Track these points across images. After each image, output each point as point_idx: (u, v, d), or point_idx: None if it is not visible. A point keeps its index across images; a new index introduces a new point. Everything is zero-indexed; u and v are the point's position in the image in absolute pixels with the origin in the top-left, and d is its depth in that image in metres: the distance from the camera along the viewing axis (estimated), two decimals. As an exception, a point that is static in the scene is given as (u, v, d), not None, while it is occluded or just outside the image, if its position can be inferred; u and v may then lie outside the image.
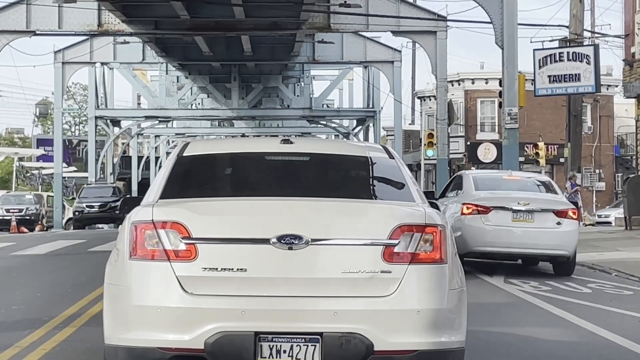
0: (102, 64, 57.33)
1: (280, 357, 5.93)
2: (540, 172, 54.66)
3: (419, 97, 64.09)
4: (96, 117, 56.20)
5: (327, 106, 65.99)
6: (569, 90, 30.90)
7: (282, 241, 5.99)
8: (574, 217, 16.97)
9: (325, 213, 6.29)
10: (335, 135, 74.54)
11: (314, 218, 6.18)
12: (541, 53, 30.84)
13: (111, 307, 6.26)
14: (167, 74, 59.60)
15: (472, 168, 56.13)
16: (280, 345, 5.93)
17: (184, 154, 7.07)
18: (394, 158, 7.20)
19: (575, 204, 33.87)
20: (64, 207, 52.57)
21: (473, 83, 54.36)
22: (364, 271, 6.01)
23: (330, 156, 7.29)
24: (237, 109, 57.02)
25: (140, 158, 76.67)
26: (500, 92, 28.60)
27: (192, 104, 65.54)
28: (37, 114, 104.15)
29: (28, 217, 48.47)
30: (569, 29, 35.37)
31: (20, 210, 48.45)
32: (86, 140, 62.99)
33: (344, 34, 47.28)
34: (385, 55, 48.80)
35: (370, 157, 7.28)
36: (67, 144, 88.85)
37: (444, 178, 40.64)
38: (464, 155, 56.39)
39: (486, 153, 55.63)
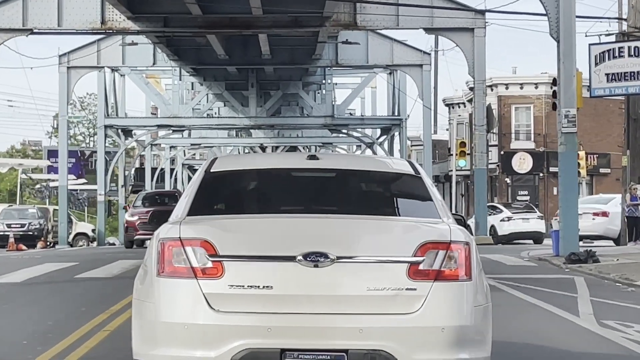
0: (113, 70, 54.59)
1: None
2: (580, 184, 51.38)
3: (447, 105, 60.51)
4: (106, 126, 52.83)
5: (351, 114, 62.53)
6: (629, 89, 27.21)
7: (307, 259, 6.03)
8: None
9: (350, 230, 6.31)
10: (357, 145, 71.44)
11: (339, 236, 6.22)
12: (598, 48, 27.24)
13: (139, 323, 6.33)
14: (180, 80, 56.34)
15: (507, 180, 52.63)
16: None
17: (211, 170, 7.05)
18: (419, 173, 7.14)
19: (637, 219, 30.31)
20: (71, 221, 49.48)
21: (507, 88, 50.78)
22: (389, 289, 6.05)
23: (356, 172, 7.28)
24: (255, 117, 53.67)
25: (154, 170, 73.40)
26: (554, 92, 25.07)
27: (207, 113, 62.12)
28: (55, 126, 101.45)
29: (31, 233, 45.11)
30: (627, 22, 31.81)
31: (23, 225, 45.13)
32: (95, 151, 59.63)
33: (369, 36, 44.16)
34: (413, 58, 45.42)
35: (395, 173, 7.32)
36: (80, 155, 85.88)
37: (482, 190, 37.14)
38: (498, 165, 52.73)
39: (521, 163, 51.97)
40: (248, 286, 6.00)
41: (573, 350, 10.02)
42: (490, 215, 44.84)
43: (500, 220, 41.95)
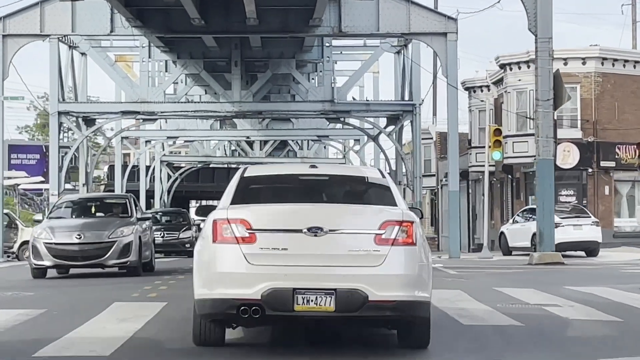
0: (70, 47, 45.84)
1: (309, 305, 9.13)
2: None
3: (466, 88, 51.22)
4: (60, 113, 43.49)
5: (354, 98, 53.29)
6: None
7: (310, 231, 9.27)
8: None
9: (338, 213, 9.68)
10: (355, 140, 62.71)
11: (330, 216, 9.47)
12: None
13: (200, 274, 9.47)
14: (150, 57, 47.18)
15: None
16: (309, 297, 9.13)
17: (245, 175, 10.43)
18: (385, 177, 10.61)
19: None
20: (14, 227, 40.48)
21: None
22: (363, 250, 9.28)
23: (342, 176, 10.93)
24: (239, 102, 44.41)
25: (125, 166, 64.16)
26: None
27: (185, 99, 52.61)
28: (38, 122, 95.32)
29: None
30: None
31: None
32: (68, 147, 50.52)
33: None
34: (435, 25, 36.54)
35: (368, 177, 10.77)
36: (44, 150, 77.36)
37: (548, 187, 28.04)
38: (536, 159, 43.38)
39: (565, 156, 42.56)
40: (272, 248, 9.26)
41: None
42: (530, 220, 36.37)
43: (546, 227, 32.91)
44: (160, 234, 39.53)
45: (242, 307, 9.07)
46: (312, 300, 9.08)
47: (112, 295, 15.51)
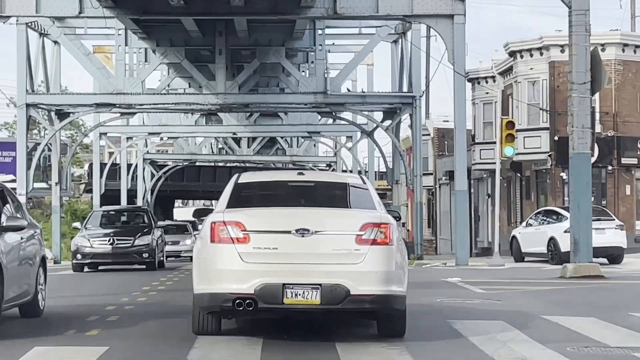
0: (41, 34, 42.40)
1: (297, 298, 10.21)
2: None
3: (469, 80, 47.47)
4: (28, 105, 39.87)
5: (348, 90, 49.49)
6: None
7: (298, 232, 10.34)
8: None
9: (323, 216, 10.77)
10: (347, 136, 59.14)
11: (316, 219, 10.55)
12: None
13: (199, 271, 10.63)
14: (127, 45, 43.36)
15: (562, 174, 39.61)
16: (297, 291, 10.22)
17: (239, 182, 11.59)
18: (365, 183, 11.80)
19: None
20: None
21: (563, 51, 37.30)
22: (345, 249, 10.37)
23: (327, 182, 12.29)
24: (224, 93, 40.67)
25: (103, 165, 60.44)
26: None
27: (167, 92, 48.79)
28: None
29: None
30: None
31: None
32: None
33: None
34: (440, 6, 33.12)
35: (350, 183, 11.95)
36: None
37: (584, 186, 24.21)
38: (549, 155, 39.64)
39: (582, 152, 38.93)
40: (264, 248, 10.33)
41: None
42: (545, 223, 32.91)
43: (564, 232, 29.66)
44: (109, 240, 31.21)
45: (237, 301, 10.22)
46: (299, 294, 10.22)
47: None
